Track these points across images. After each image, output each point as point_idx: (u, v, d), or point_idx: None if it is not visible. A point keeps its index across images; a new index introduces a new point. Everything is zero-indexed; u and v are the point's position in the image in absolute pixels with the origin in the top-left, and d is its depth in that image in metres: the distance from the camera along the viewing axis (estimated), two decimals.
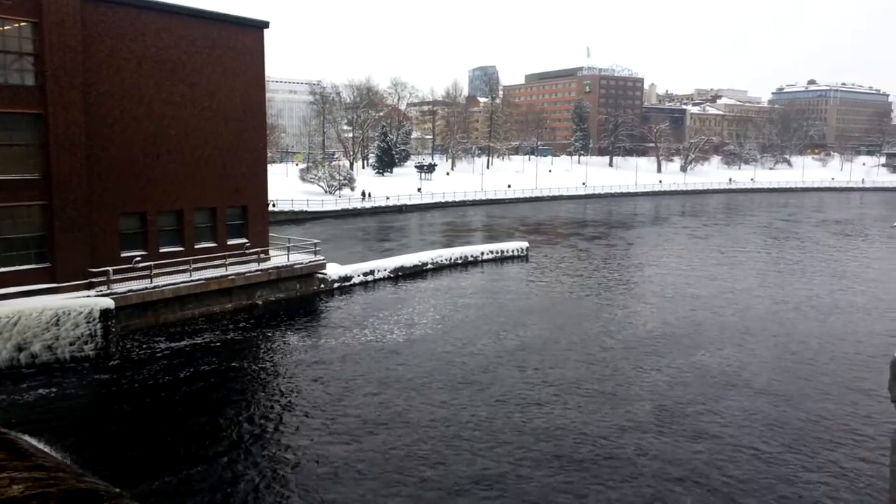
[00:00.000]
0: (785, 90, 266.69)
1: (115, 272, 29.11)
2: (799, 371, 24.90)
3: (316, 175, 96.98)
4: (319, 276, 37.48)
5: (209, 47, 33.56)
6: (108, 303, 25.99)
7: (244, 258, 34.77)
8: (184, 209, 33.16)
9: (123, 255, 30.43)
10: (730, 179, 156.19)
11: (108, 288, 28.39)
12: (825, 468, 17.24)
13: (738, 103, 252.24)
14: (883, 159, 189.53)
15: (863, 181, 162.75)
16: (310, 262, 37.00)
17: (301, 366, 25.15)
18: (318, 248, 38.53)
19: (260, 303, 34.10)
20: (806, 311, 34.55)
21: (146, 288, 29.42)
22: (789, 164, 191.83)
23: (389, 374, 23.96)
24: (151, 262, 30.45)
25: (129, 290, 28.75)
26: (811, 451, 18.21)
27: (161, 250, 32.03)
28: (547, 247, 58.35)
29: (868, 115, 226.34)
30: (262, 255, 35.63)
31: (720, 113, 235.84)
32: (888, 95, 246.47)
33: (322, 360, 25.66)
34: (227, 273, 32.82)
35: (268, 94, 50.07)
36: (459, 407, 21.06)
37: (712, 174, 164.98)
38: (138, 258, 30.48)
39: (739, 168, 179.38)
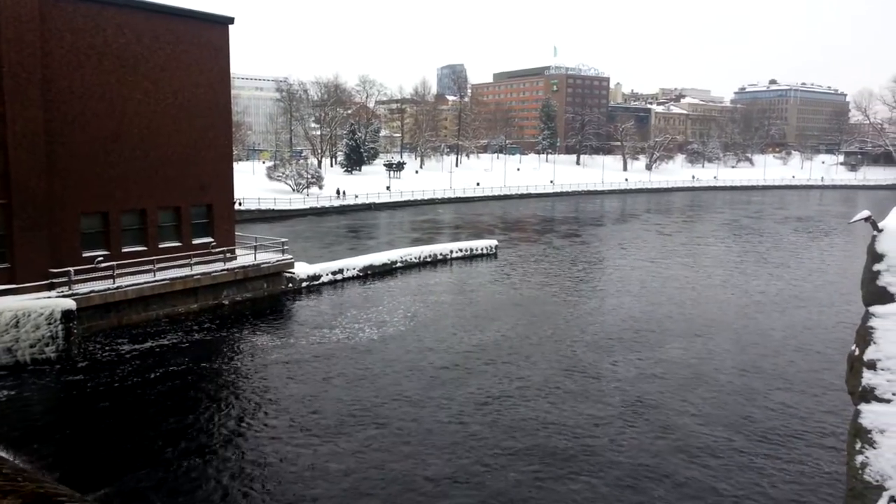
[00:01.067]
0: (747, 90, 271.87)
1: (77, 272, 28.45)
2: (764, 363, 25.42)
3: (283, 173, 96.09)
4: (287, 275, 37.14)
5: (173, 43, 32.99)
6: (70, 304, 25.42)
7: (210, 257, 34.29)
8: (147, 208, 32.57)
9: (85, 255, 29.78)
10: (693, 177, 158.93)
11: (70, 289, 27.75)
12: (790, 457, 17.61)
13: (702, 103, 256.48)
14: (841, 158, 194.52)
15: (822, 179, 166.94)
16: (277, 261, 36.64)
17: (272, 365, 24.90)
18: (285, 247, 38.17)
19: (226, 303, 33.67)
20: (770, 304, 35.29)
21: (109, 288, 28.83)
22: (751, 162, 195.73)
23: (362, 373, 23.85)
24: (114, 262, 29.84)
25: (91, 291, 28.14)
26: (778, 441, 18.59)
27: (124, 250, 31.42)
28: (516, 245, 58.66)
29: (827, 114, 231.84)
30: (228, 255, 35.18)
31: (684, 112, 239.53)
32: (846, 95, 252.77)
33: (293, 360, 25.43)
34: (193, 273, 32.33)
35: (233, 91, 49.41)
36: (433, 403, 21.07)
37: (677, 172, 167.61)
38: (100, 258, 29.84)
39: (703, 166, 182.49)
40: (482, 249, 50.80)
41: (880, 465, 6.80)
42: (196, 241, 34.43)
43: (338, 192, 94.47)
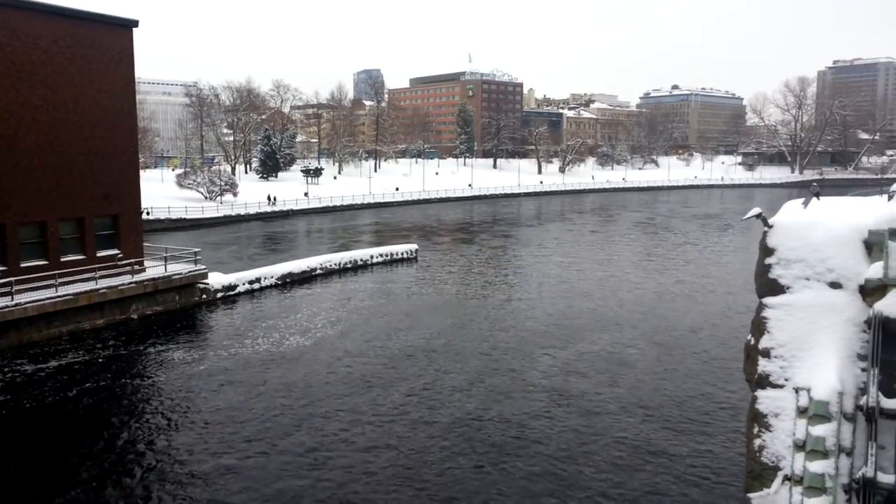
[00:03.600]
0: (651, 95, 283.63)
1: None
2: (676, 352, 26.65)
3: (195, 180, 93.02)
4: (201, 286, 35.98)
5: (73, 47, 31.44)
6: None
7: (116, 270, 32.81)
8: (48, 220, 30.90)
9: None
10: (592, 177, 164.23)
11: None
12: (701, 441, 18.55)
13: (610, 108, 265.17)
14: (739, 158, 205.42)
15: (722, 179, 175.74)
16: (189, 271, 35.42)
17: (190, 379, 24.02)
18: (198, 257, 36.95)
19: (135, 317, 32.30)
20: (681, 296, 36.95)
21: (7, 306, 27.13)
22: (656, 164, 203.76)
23: (288, 381, 23.40)
24: (12, 278, 28.10)
25: None
26: (690, 426, 19.55)
27: (23, 265, 29.69)
28: (436, 248, 58.98)
29: (725, 117, 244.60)
30: (137, 267, 33.77)
31: (594, 117, 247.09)
32: (742, 99, 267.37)
33: (214, 372, 24.63)
34: (98, 287, 30.84)
35: (139, 96, 47.55)
36: (365, 407, 20.99)
37: (588, 175, 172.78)
38: None
39: (612, 168, 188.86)
40: (402, 254, 50.81)
41: (776, 447, 7.29)
42: (101, 254, 32.91)
43: (269, 198, 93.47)
